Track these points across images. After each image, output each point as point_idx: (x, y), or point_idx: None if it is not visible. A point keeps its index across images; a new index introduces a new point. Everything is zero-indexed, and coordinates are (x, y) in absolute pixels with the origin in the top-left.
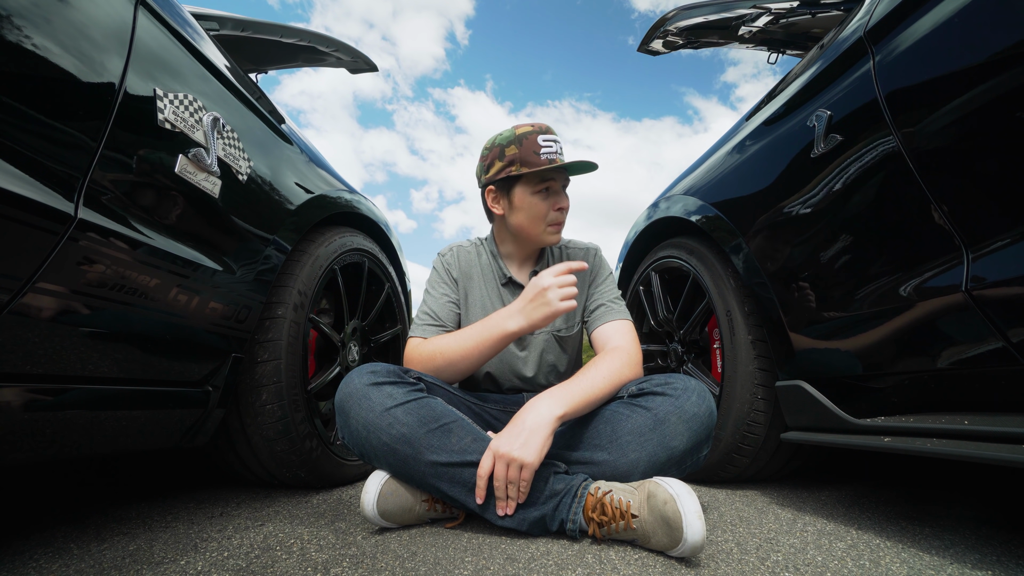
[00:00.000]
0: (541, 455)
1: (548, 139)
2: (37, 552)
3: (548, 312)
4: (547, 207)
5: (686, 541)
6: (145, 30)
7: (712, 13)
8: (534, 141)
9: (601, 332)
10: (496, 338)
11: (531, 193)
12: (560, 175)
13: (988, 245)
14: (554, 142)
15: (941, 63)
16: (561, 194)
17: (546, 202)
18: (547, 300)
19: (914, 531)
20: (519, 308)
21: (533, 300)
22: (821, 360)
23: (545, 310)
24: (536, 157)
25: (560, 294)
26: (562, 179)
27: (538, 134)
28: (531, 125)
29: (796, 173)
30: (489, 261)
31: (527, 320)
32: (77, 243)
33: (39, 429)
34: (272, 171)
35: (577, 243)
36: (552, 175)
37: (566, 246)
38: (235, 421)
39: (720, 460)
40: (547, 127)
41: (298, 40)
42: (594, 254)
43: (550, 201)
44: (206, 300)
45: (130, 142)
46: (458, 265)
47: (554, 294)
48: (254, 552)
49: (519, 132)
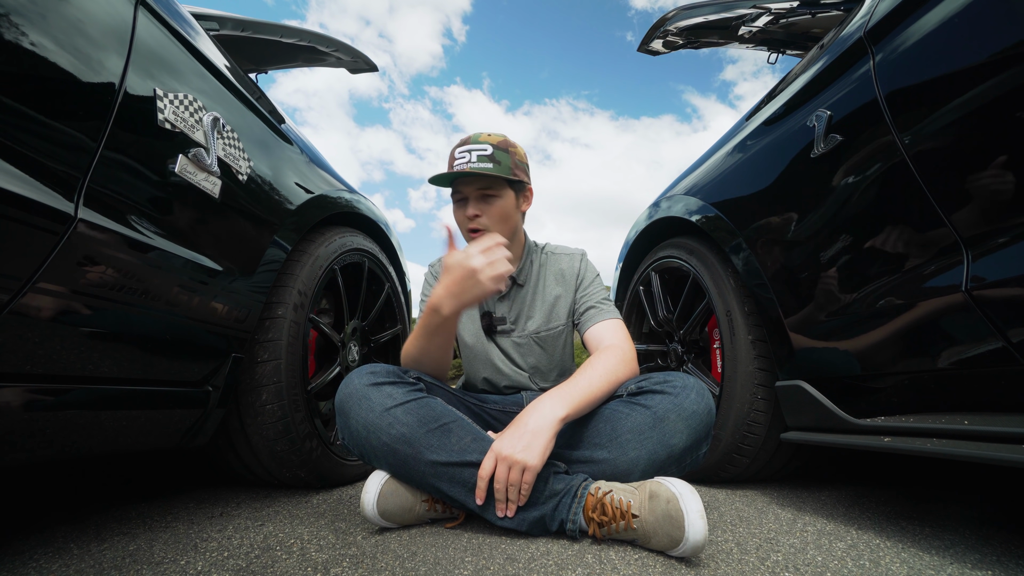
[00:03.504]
0: (544, 458)
1: (463, 150)
2: (37, 552)
3: (478, 292)
4: (460, 215)
5: (687, 540)
6: (145, 30)
7: (712, 13)
8: (452, 153)
9: (594, 332)
10: (435, 324)
11: (454, 203)
12: (464, 184)
13: (988, 245)
14: (468, 152)
15: (941, 63)
16: (469, 203)
17: (460, 211)
18: (477, 280)
19: (914, 531)
20: (450, 290)
21: (462, 281)
22: (821, 360)
23: (475, 291)
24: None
25: (490, 273)
26: (469, 187)
27: (458, 146)
28: (466, 137)
29: (796, 173)
30: None
31: (458, 301)
32: (77, 243)
33: (39, 429)
34: (272, 171)
35: (563, 248)
36: (457, 186)
37: (552, 252)
38: (235, 421)
39: (720, 460)
40: (470, 137)
41: (298, 40)
42: (579, 258)
43: (464, 211)
44: (206, 300)
45: (130, 142)
46: None
47: (484, 274)
48: (254, 552)
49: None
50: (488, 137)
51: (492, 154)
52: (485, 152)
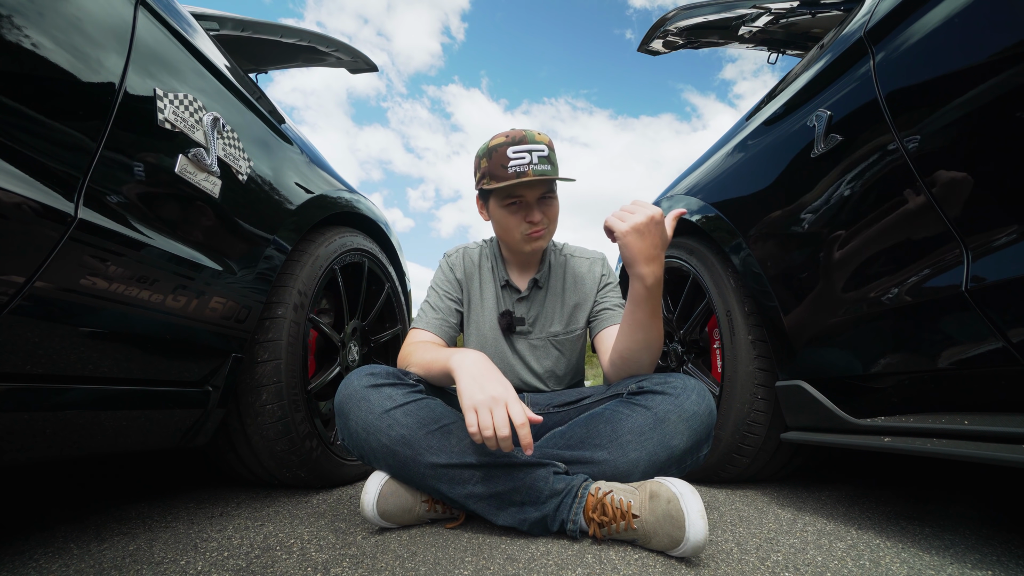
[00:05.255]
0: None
1: (519, 150)
2: (37, 552)
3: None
4: (517, 220)
5: (688, 541)
6: (145, 29)
7: (712, 13)
8: (503, 154)
9: (607, 334)
10: (444, 373)
11: (501, 207)
12: (529, 188)
13: (988, 245)
14: (527, 152)
15: (941, 63)
16: (533, 207)
17: (515, 216)
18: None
19: (914, 531)
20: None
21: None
22: (821, 360)
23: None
24: (503, 171)
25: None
26: (533, 192)
27: (509, 145)
28: (506, 135)
29: (796, 173)
30: (492, 263)
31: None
32: (77, 243)
33: (39, 429)
34: (272, 171)
35: (581, 250)
36: (517, 190)
37: (571, 255)
38: (235, 421)
39: (720, 460)
40: (523, 135)
41: (298, 40)
42: (600, 262)
43: (520, 214)
44: (206, 300)
45: (130, 142)
46: (462, 267)
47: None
48: (254, 552)
49: (492, 143)
50: (540, 136)
51: (548, 155)
52: (544, 153)
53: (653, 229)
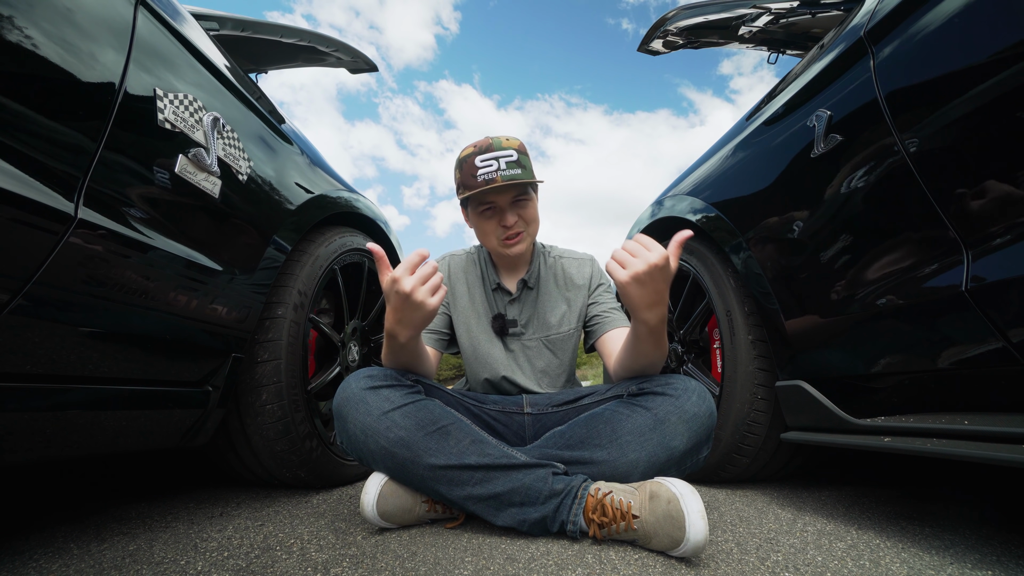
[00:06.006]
0: None
1: (487, 158)
2: (37, 552)
3: (424, 313)
4: (493, 225)
5: (688, 541)
6: (145, 29)
7: (712, 13)
8: (472, 163)
9: (609, 339)
10: (397, 347)
11: (476, 213)
12: (499, 194)
13: (988, 245)
14: (494, 160)
15: (941, 63)
16: (505, 211)
17: (491, 221)
18: (417, 303)
19: (914, 531)
20: (397, 319)
21: (404, 308)
22: (821, 360)
23: (420, 312)
24: (473, 180)
25: (426, 291)
26: (504, 197)
27: (477, 155)
28: (474, 145)
29: (796, 173)
30: (483, 267)
31: (410, 327)
32: (77, 243)
33: (39, 429)
34: (272, 171)
35: (570, 252)
36: (487, 197)
37: (561, 256)
38: (235, 421)
39: (720, 460)
40: (490, 144)
41: (298, 40)
42: (590, 263)
43: (495, 220)
44: (206, 300)
45: (130, 142)
46: (448, 272)
47: (421, 294)
48: (254, 552)
49: (462, 155)
50: (508, 141)
51: (518, 159)
52: (512, 158)
53: (656, 275)
